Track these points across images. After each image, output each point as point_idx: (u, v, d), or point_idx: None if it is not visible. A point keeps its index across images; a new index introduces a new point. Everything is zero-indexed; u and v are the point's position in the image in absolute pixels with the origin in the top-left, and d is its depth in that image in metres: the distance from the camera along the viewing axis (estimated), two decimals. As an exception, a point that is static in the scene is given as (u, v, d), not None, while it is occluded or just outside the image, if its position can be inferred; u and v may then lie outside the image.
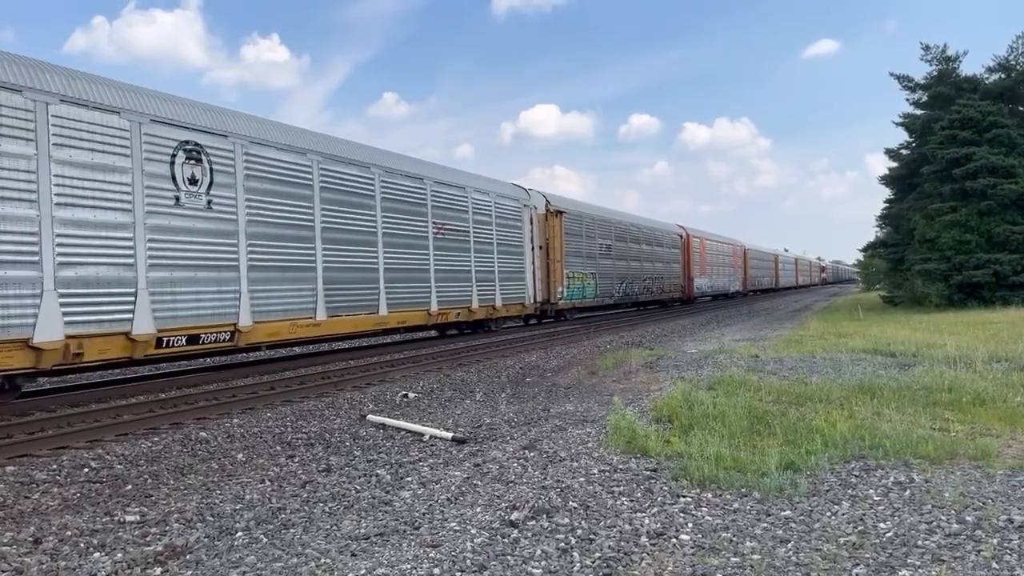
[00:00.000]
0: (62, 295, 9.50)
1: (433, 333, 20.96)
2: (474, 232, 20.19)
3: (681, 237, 40.21)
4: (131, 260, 10.50)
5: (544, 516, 4.84)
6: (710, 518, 4.70)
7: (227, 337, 11.98)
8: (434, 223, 18.29)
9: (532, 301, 23.42)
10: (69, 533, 4.96)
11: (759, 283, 61.40)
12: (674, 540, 4.34)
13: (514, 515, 4.83)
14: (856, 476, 5.49)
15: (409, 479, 6.06)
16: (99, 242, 10.09)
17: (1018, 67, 29.94)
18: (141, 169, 10.72)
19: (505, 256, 21.81)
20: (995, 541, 4.11)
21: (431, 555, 4.21)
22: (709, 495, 5.17)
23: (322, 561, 4.25)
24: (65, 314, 9.50)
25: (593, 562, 4.05)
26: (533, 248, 23.66)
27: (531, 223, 23.65)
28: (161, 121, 11.14)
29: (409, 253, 17.21)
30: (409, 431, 8.10)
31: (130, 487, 6.21)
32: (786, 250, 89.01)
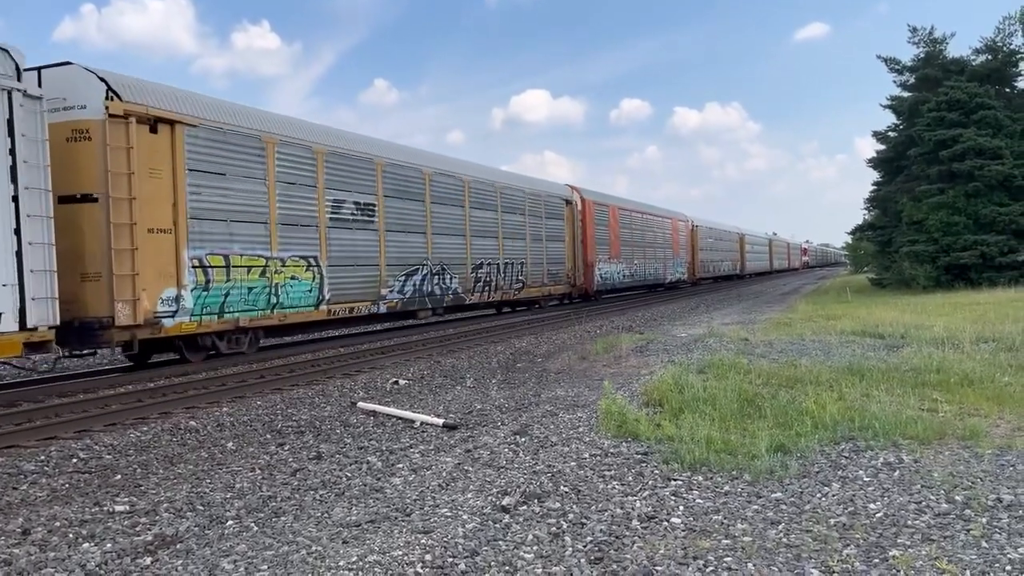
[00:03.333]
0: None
1: (435, 318, 21.34)
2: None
3: (569, 203, 27.10)
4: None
5: (535, 501, 4.84)
6: (701, 501, 4.72)
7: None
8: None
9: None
10: (58, 524, 4.92)
11: (716, 269, 49.91)
12: (665, 523, 4.35)
13: (505, 500, 4.83)
14: (846, 457, 5.52)
15: (400, 466, 6.05)
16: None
17: (1004, 49, 30.00)
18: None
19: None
20: (984, 520, 4.14)
21: (423, 541, 4.20)
22: (700, 478, 5.18)
23: (313, 548, 4.23)
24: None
25: (585, 546, 4.05)
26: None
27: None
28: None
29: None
30: (400, 418, 8.08)
31: (119, 477, 6.18)
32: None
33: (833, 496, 4.70)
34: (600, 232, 29.31)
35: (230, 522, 4.85)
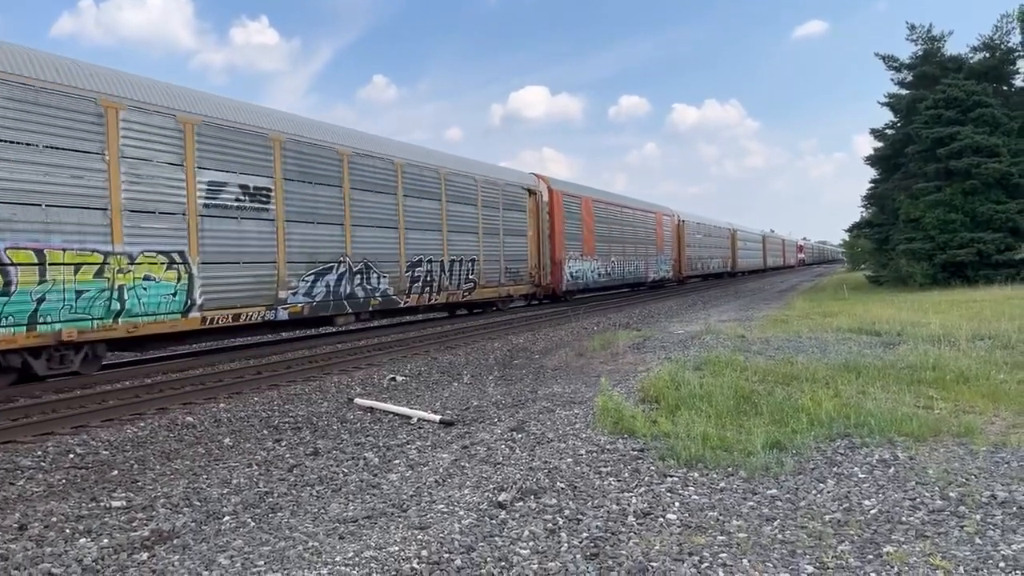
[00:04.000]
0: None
1: (444, 313, 21.44)
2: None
3: (534, 194, 24.38)
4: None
5: (532, 497, 4.85)
6: (697, 497, 4.73)
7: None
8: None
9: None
10: (55, 519, 4.92)
11: (705, 266, 47.16)
12: (661, 519, 4.36)
13: (502, 496, 4.84)
14: (841, 454, 5.53)
15: (397, 462, 6.06)
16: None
17: (1002, 47, 30.02)
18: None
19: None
20: (978, 517, 4.16)
21: (419, 537, 4.21)
22: (696, 474, 5.20)
23: (310, 544, 4.24)
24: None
25: (581, 542, 4.06)
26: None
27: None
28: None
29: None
30: (397, 414, 8.09)
31: (116, 472, 6.18)
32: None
33: (828, 493, 4.71)
34: (571, 226, 26.69)
35: (227, 518, 4.86)
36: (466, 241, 20.07)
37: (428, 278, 18.30)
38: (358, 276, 15.67)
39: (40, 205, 9.66)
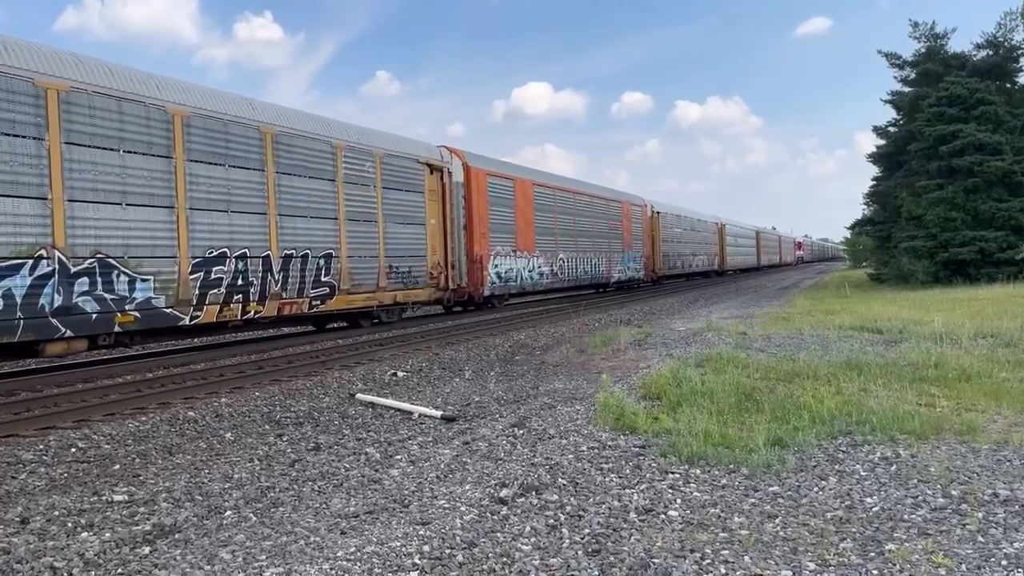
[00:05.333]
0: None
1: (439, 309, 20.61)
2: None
3: (438, 170, 18.57)
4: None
5: (533, 493, 4.85)
6: (698, 494, 4.73)
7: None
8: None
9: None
10: (56, 513, 4.93)
11: (686, 264, 41.79)
12: (663, 516, 4.36)
13: (503, 492, 4.84)
14: (843, 452, 5.53)
15: (398, 457, 6.06)
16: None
17: (1006, 44, 29.95)
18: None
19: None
20: (980, 515, 4.15)
21: (420, 532, 4.21)
22: (697, 471, 5.19)
23: (311, 539, 4.25)
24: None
25: (582, 538, 4.06)
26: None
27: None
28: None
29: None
30: (398, 410, 8.09)
31: (118, 467, 6.18)
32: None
33: (830, 490, 4.71)
34: (499, 215, 21.39)
35: (228, 512, 4.86)
36: (315, 229, 14.24)
37: (239, 281, 12.50)
38: (85, 279, 10.04)
39: None
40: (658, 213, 37.39)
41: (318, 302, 14.34)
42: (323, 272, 14.45)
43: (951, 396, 7.19)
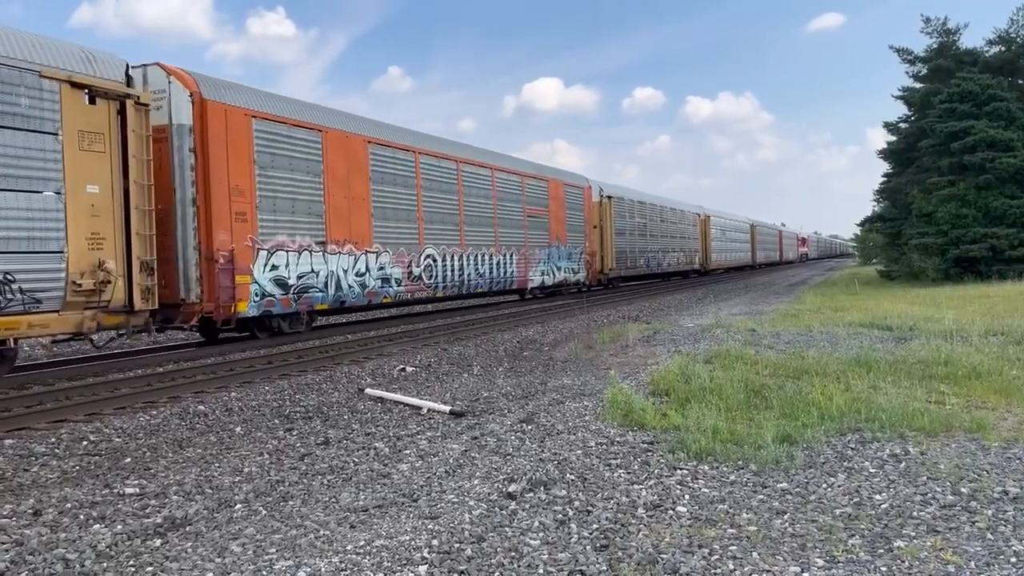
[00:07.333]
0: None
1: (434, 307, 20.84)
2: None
3: (118, 98, 9.57)
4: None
5: (542, 488, 4.86)
6: (707, 490, 4.73)
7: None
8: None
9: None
10: (69, 505, 4.97)
11: (653, 263, 34.29)
12: (671, 512, 4.37)
13: (512, 487, 4.85)
14: (852, 449, 5.52)
15: (407, 452, 6.09)
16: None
17: (1018, 40, 29.70)
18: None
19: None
20: (990, 512, 4.14)
21: (429, 527, 4.23)
22: (706, 467, 5.20)
23: (321, 533, 4.27)
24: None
25: (591, 533, 4.07)
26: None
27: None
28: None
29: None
30: (407, 405, 8.12)
31: (129, 460, 6.23)
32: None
33: (839, 487, 4.70)
34: (282, 183, 13.32)
35: (239, 506, 4.89)
36: None
37: None
38: None
39: None
40: (609, 198, 29.46)
41: None
42: None
43: (961, 394, 7.16)
